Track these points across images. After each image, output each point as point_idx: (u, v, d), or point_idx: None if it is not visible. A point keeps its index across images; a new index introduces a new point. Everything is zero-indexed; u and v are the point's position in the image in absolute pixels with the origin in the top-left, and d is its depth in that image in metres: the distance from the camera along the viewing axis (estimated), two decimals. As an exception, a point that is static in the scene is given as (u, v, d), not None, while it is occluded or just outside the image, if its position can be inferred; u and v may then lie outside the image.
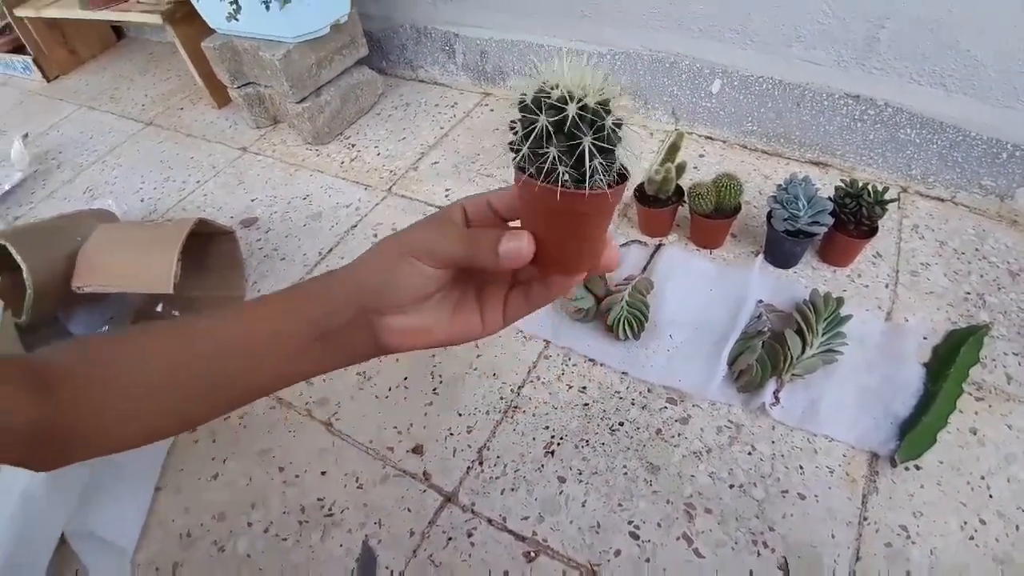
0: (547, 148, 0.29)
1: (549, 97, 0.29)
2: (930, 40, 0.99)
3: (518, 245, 0.34)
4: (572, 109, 0.29)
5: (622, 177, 0.32)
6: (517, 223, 0.36)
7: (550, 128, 0.29)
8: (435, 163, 1.38)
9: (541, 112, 0.29)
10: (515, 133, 0.31)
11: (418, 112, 1.56)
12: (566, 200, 0.30)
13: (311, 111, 1.41)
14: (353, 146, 1.47)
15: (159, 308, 1.09)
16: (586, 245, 0.35)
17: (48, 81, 2.06)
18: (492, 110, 1.53)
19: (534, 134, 0.29)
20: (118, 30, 2.27)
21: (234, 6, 1.27)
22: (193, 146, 1.58)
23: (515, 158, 0.32)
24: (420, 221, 0.39)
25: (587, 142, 0.29)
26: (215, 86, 1.61)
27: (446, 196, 1.27)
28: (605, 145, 0.29)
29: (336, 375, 0.96)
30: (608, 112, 0.30)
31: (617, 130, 0.30)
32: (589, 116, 0.29)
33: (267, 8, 1.24)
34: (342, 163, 1.42)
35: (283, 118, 1.55)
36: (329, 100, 1.45)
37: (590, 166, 0.29)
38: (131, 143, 1.64)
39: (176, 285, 0.96)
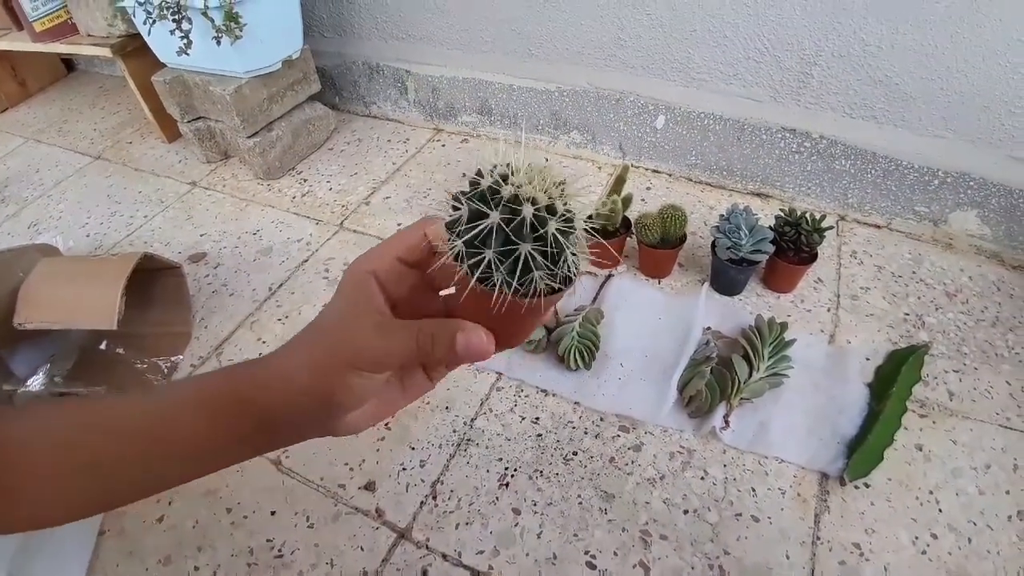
0: (485, 252, 0.28)
1: (499, 192, 0.28)
2: (860, 75, 1.04)
3: (476, 343, 0.32)
4: (527, 211, 0.27)
5: (567, 281, 0.30)
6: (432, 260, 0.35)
7: (499, 225, 0.27)
8: (387, 198, 1.38)
9: (494, 208, 0.27)
10: (455, 210, 0.30)
11: (370, 147, 1.56)
12: (502, 304, 0.29)
13: (262, 146, 1.41)
14: (305, 181, 1.46)
15: (103, 345, 1.06)
16: (520, 331, 0.35)
17: (-4, 114, 2.01)
18: (444, 146, 1.54)
19: (479, 232, 0.28)
20: (68, 63, 2.23)
21: (185, 40, 1.26)
22: (141, 180, 1.55)
23: (452, 245, 0.29)
24: (340, 317, 0.36)
25: (525, 249, 0.27)
26: (165, 120, 1.59)
27: (398, 230, 1.27)
28: (550, 249, 0.28)
29: (286, 412, 0.94)
30: (554, 214, 0.28)
31: (563, 236, 0.28)
32: (532, 221, 0.28)
33: (218, 43, 1.24)
34: (293, 198, 1.41)
35: (234, 153, 1.54)
36: (281, 135, 1.44)
37: (532, 279, 0.28)
38: (78, 177, 1.60)
39: (120, 321, 0.93)
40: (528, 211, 0.27)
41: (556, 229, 0.27)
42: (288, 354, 0.36)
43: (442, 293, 0.35)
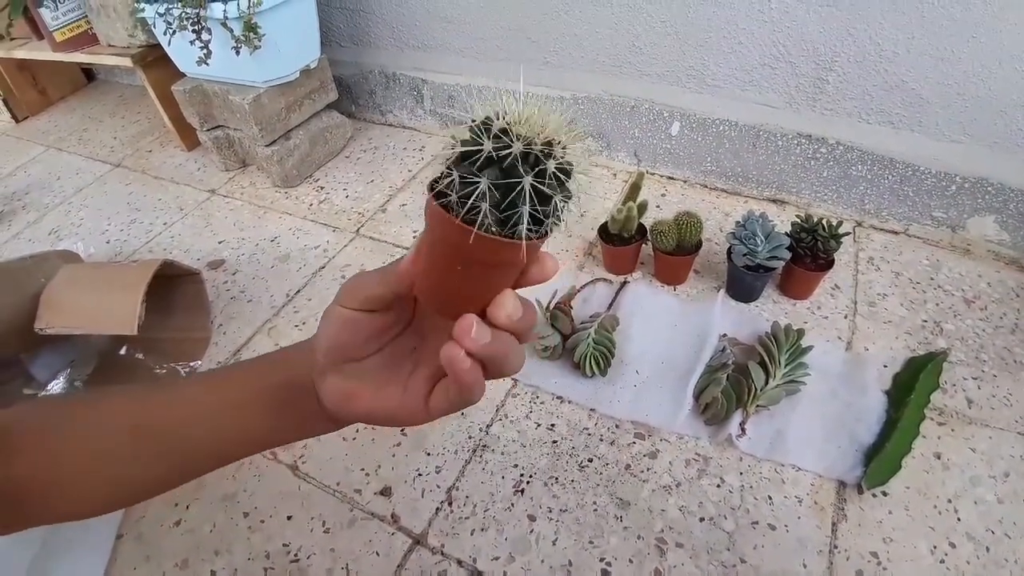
0: (478, 179, 0.26)
1: (491, 128, 0.27)
2: (876, 80, 1.04)
3: (405, 259, 0.33)
4: (517, 147, 0.26)
5: (545, 232, 0.29)
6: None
7: (492, 157, 0.26)
8: (403, 205, 1.39)
9: (487, 139, 0.26)
10: (447, 160, 0.28)
11: (387, 155, 1.58)
12: (479, 244, 0.27)
13: (280, 154, 1.42)
14: (322, 188, 1.48)
15: (123, 351, 1.07)
16: (481, 295, 0.31)
17: (17, 122, 2.05)
18: (460, 152, 1.55)
19: (470, 160, 0.26)
20: (88, 72, 2.27)
21: (204, 51, 1.28)
22: (161, 188, 1.57)
23: (438, 180, 0.28)
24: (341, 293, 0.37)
25: (527, 182, 0.26)
26: (184, 129, 1.61)
27: (414, 237, 1.28)
28: (545, 191, 0.27)
29: (303, 417, 0.95)
30: (551, 156, 0.27)
31: (562, 177, 0.27)
32: (535, 155, 0.26)
33: (237, 53, 1.25)
34: (311, 205, 1.43)
35: (252, 161, 1.56)
36: (298, 143, 1.46)
37: (519, 214, 0.26)
38: (98, 185, 1.63)
39: (140, 327, 0.94)
40: (517, 148, 0.26)
41: (555, 167, 0.27)
42: (312, 341, 0.38)
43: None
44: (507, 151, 0.26)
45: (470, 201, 0.26)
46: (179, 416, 0.42)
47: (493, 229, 0.27)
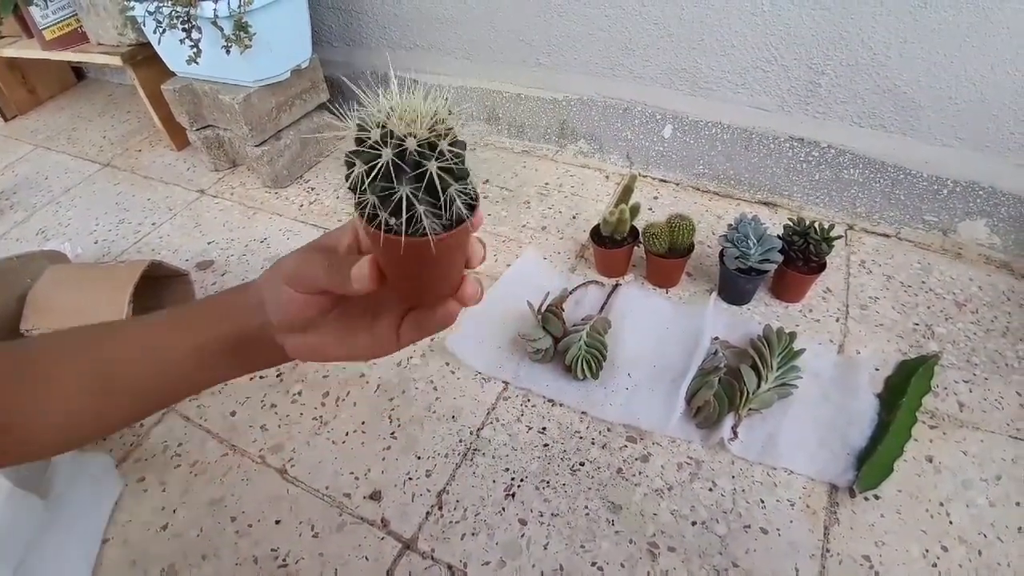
0: (368, 197, 0.28)
1: (380, 130, 0.28)
2: (868, 84, 1.04)
3: (360, 272, 0.35)
4: (387, 155, 0.27)
5: (471, 208, 0.30)
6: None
7: (404, 195, 0.27)
8: (395, 205, 1.38)
9: (398, 180, 0.28)
10: (352, 172, 0.29)
11: (379, 155, 1.57)
12: (393, 246, 0.29)
13: (270, 154, 1.41)
14: (312, 189, 1.47)
15: (109, 354, 1.06)
16: (433, 282, 0.35)
17: (6, 120, 2.03)
18: (452, 153, 1.55)
19: (382, 190, 0.28)
20: (78, 71, 2.25)
21: (195, 50, 1.27)
22: (150, 188, 1.55)
23: (355, 205, 0.30)
24: (314, 242, 0.41)
25: (404, 191, 0.27)
26: (174, 128, 1.60)
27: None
28: (450, 196, 0.28)
29: (292, 421, 0.94)
30: (435, 152, 0.27)
31: (445, 175, 0.28)
32: (412, 159, 0.27)
33: (227, 52, 1.24)
34: (301, 206, 1.41)
35: (242, 161, 1.55)
36: (289, 144, 1.45)
37: (416, 215, 0.28)
38: (87, 184, 1.61)
39: (127, 330, 0.93)
40: (387, 156, 0.27)
41: (437, 168, 0.27)
42: (250, 289, 0.42)
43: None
44: (379, 161, 0.27)
45: (367, 213, 0.29)
46: (134, 357, 0.45)
47: (421, 229, 0.28)
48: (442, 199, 0.28)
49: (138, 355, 0.45)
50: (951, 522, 0.76)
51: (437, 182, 0.28)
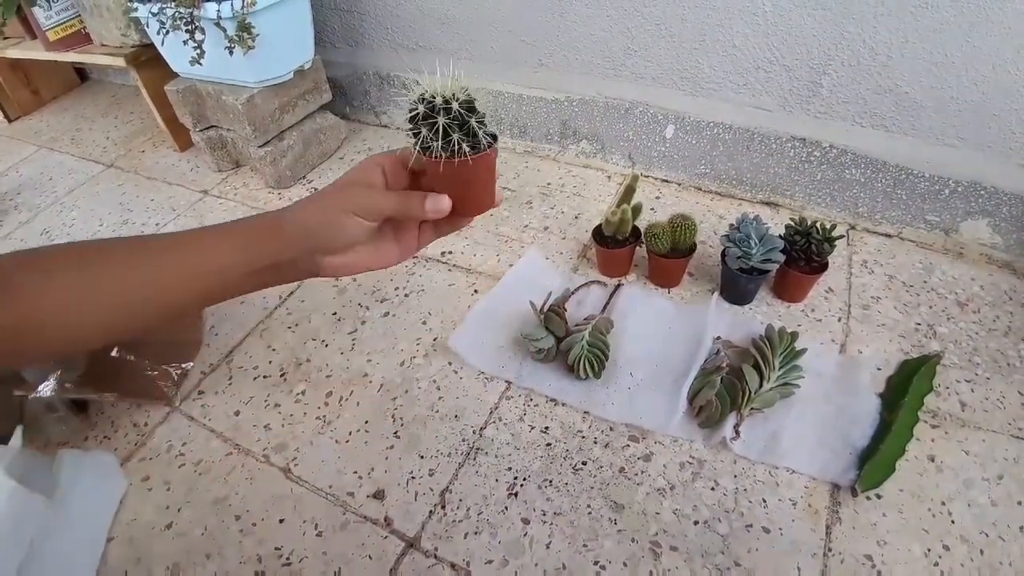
0: (425, 137, 0.46)
1: (431, 98, 0.46)
2: (870, 84, 1.04)
3: (439, 204, 0.49)
4: (441, 119, 0.45)
5: (490, 144, 0.47)
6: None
7: (439, 120, 0.45)
8: (398, 205, 1.38)
9: (428, 114, 0.46)
10: (414, 125, 0.47)
11: (381, 156, 1.57)
12: (453, 166, 0.46)
13: (273, 155, 1.42)
14: (315, 190, 1.47)
15: (114, 352, 1.06)
16: (475, 195, 0.50)
17: (9, 122, 2.04)
18: (455, 153, 1.55)
19: (432, 127, 0.45)
20: (81, 72, 2.26)
21: (198, 51, 1.27)
22: (153, 189, 1.56)
23: (416, 144, 0.47)
24: (348, 180, 0.51)
25: (455, 137, 0.45)
26: (177, 129, 1.61)
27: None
28: (469, 129, 0.46)
29: (296, 420, 0.94)
30: (471, 109, 0.47)
31: (480, 124, 0.46)
32: (451, 116, 0.46)
33: (231, 53, 1.25)
34: (304, 206, 1.42)
35: (245, 162, 1.55)
36: (292, 144, 1.45)
37: (448, 140, 0.45)
38: (91, 185, 1.62)
39: (131, 330, 0.93)
40: (442, 120, 0.46)
41: (476, 121, 0.46)
42: (303, 204, 0.51)
43: (410, 166, 0.50)
44: (438, 117, 0.46)
45: (438, 143, 0.45)
46: (193, 272, 0.54)
47: (442, 154, 0.46)
48: (476, 137, 0.46)
49: (197, 271, 0.53)
50: (953, 521, 0.76)
51: (475, 127, 0.46)
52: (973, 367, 0.94)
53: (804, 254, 0.99)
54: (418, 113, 0.47)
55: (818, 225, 0.99)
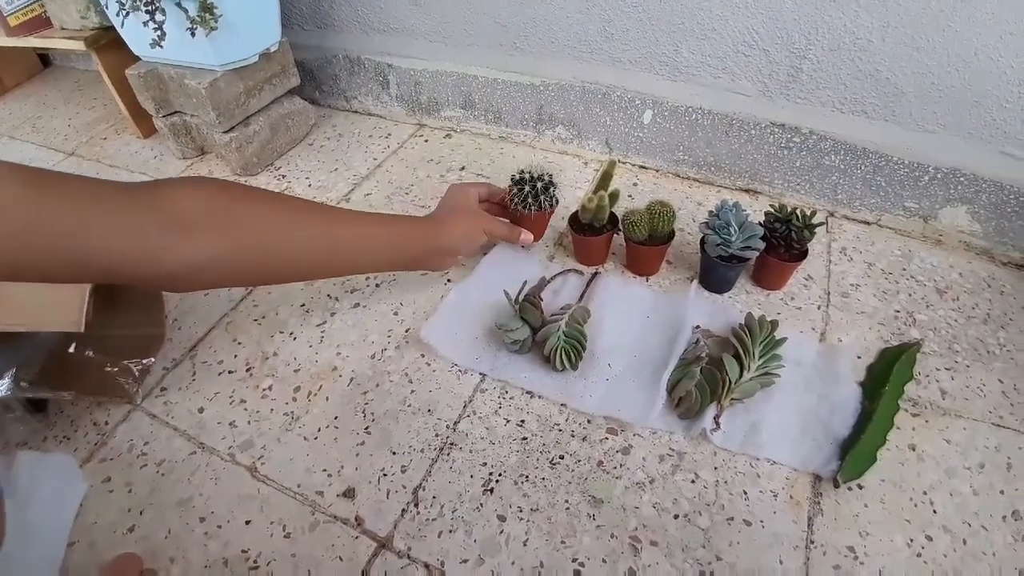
0: (527, 195, 0.99)
1: (528, 176, 0.99)
2: (850, 69, 1.03)
3: (528, 238, 1.02)
4: (535, 185, 0.99)
5: (552, 206, 1.02)
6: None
7: (531, 188, 0.98)
8: (368, 194, 1.35)
9: (525, 184, 0.99)
10: (516, 188, 1.00)
11: (351, 143, 1.53)
12: (531, 217, 1.00)
13: (239, 141, 1.37)
14: (283, 177, 1.43)
15: (72, 348, 1.02)
16: (537, 232, 1.06)
17: (-30, 111, 1.96)
18: (427, 140, 1.51)
19: (525, 191, 0.99)
20: (44, 57, 2.18)
21: (158, 32, 1.22)
22: (115, 177, 1.50)
23: (513, 203, 1.01)
24: (467, 206, 0.97)
25: (543, 201, 1.00)
26: (140, 115, 1.55)
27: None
28: (549, 193, 0.99)
29: (262, 417, 0.91)
30: (552, 183, 1.00)
31: (551, 188, 1.00)
32: (541, 185, 0.98)
33: (192, 35, 1.20)
34: (273, 194, 1.37)
35: (210, 148, 1.50)
36: (258, 130, 1.40)
37: (540, 201, 0.99)
38: (49, 176, 1.56)
39: (89, 323, 0.89)
40: (528, 188, 0.99)
41: (548, 189, 0.99)
42: (450, 219, 0.93)
43: (510, 210, 1.02)
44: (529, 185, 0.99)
45: (527, 203, 1.00)
46: (360, 247, 0.83)
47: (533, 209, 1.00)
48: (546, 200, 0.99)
49: (365, 245, 0.82)
50: (935, 511, 0.75)
51: (543, 195, 0.99)
52: (953, 355, 0.93)
53: (784, 241, 0.97)
54: (523, 179, 0.98)
55: (798, 212, 0.97)
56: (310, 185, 1.39)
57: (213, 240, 0.68)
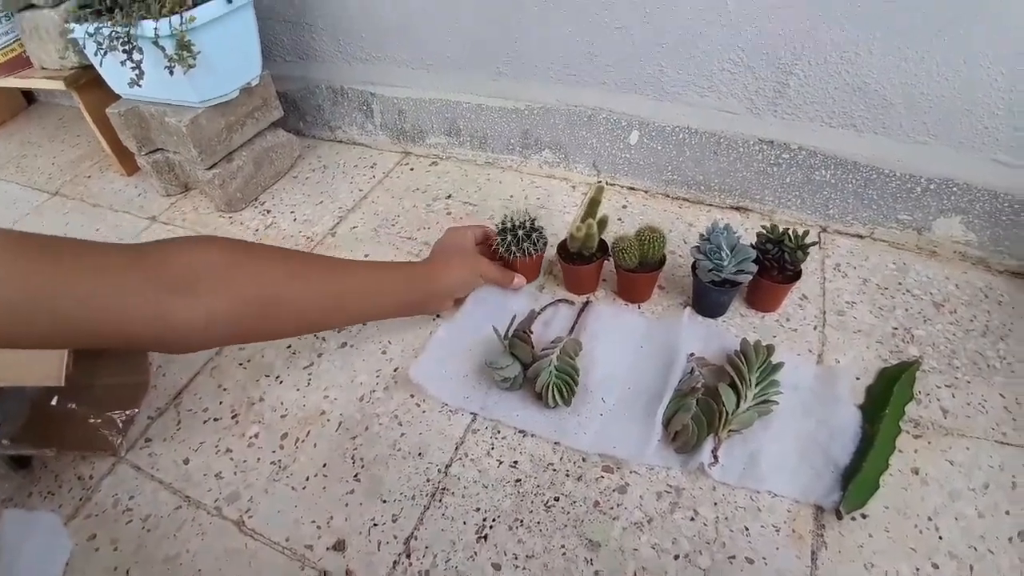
0: (510, 243, 1.00)
1: (510, 224, 1.01)
2: (838, 83, 1.01)
3: (520, 283, 1.03)
4: (516, 232, 1.01)
5: (540, 250, 1.03)
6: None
7: (514, 236, 1.00)
8: (354, 227, 1.33)
9: (508, 233, 1.00)
10: (500, 238, 1.01)
11: (336, 174, 1.51)
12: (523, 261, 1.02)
13: (222, 177, 1.35)
14: (268, 212, 1.41)
15: (54, 402, 0.99)
16: (528, 275, 1.07)
17: (-45, 151, 1.94)
18: (412, 169, 1.50)
19: (508, 240, 1.00)
20: (28, 95, 2.17)
21: (136, 71, 1.21)
22: (99, 217, 1.49)
23: (500, 249, 1.00)
24: (464, 247, 1.00)
25: (527, 248, 1.01)
26: (123, 153, 1.53)
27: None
28: (532, 239, 1.02)
29: (249, 467, 0.89)
30: (535, 228, 1.02)
31: (534, 234, 1.02)
32: (523, 232, 1.00)
33: (171, 73, 1.18)
34: (256, 230, 1.35)
35: (194, 185, 1.48)
36: (242, 165, 1.39)
37: (523, 248, 1.00)
38: (36, 215, 1.54)
39: (70, 375, 0.87)
40: (515, 234, 1.01)
41: (535, 236, 1.02)
42: (447, 265, 0.96)
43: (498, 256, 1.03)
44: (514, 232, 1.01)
45: (511, 250, 1.01)
46: (364, 304, 0.87)
47: (517, 256, 1.01)
48: (530, 246, 1.01)
49: (370, 290, 0.85)
50: (941, 537, 0.73)
51: (532, 241, 1.01)
52: (953, 371, 0.91)
53: (777, 263, 0.95)
54: (505, 227, 1.00)
55: (790, 232, 0.95)
56: (295, 219, 1.37)
57: (219, 298, 0.68)
